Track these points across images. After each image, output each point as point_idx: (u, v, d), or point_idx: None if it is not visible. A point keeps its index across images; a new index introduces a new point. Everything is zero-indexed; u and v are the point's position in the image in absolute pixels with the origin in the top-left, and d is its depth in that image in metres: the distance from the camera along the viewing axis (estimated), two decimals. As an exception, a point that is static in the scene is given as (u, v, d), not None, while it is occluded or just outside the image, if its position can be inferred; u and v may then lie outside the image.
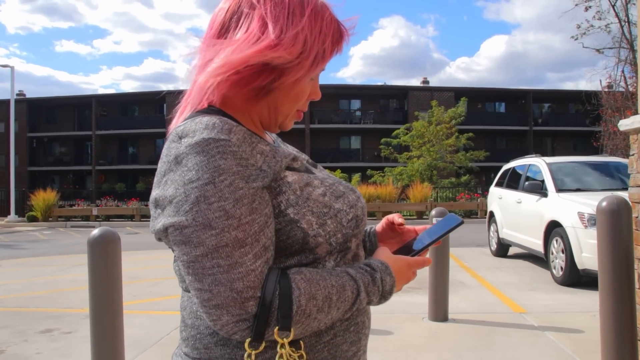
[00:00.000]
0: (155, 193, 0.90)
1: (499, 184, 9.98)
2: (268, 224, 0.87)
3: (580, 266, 6.35)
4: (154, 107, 42.20)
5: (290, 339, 0.84)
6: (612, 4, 21.40)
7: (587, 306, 5.45)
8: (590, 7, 21.31)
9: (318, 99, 1.04)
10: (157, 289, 6.94)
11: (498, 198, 9.69)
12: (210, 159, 0.83)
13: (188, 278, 0.85)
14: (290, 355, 0.86)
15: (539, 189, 7.66)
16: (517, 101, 42.15)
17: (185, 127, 0.89)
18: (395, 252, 1.04)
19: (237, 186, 0.84)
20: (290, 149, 1.10)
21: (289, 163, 0.94)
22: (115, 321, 3.37)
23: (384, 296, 0.95)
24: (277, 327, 0.82)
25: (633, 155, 3.31)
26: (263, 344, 0.85)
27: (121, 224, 21.93)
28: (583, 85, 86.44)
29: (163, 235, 0.90)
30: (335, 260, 0.96)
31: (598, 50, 22.36)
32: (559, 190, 7.36)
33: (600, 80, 24.31)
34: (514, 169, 9.57)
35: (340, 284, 0.89)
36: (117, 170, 41.86)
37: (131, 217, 22.95)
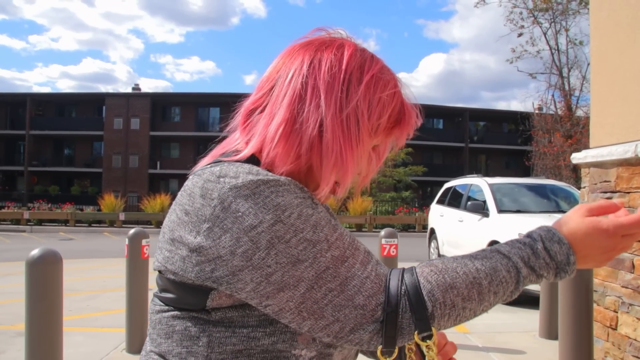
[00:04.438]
0: (195, 240, 0.75)
1: (440, 202, 10.22)
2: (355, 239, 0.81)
3: (518, 286, 6.56)
4: (92, 109, 40.87)
5: (435, 338, 0.76)
6: (544, 32, 22.65)
7: (526, 325, 5.64)
8: (522, 33, 22.55)
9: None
10: (94, 303, 6.64)
11: (439, 216, 9.91)
12: (266, 199, 0.74)
13: (307, 323, 0.74)
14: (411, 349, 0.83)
15: (481, 209, 7.90)
16: (455, 118, 43.52)
17: (222, 168, 0.79)
18: None
19: (308, 214, 0.75)
20: None
21: None
22: (54, 348, 3.16)
23: (561, 269, 0.82)
24: (416, 331, 0.75)
25: (584, 187, 3.46)
26: (396, 351, 0.78)
27: (54, 228, 21.06)
28: (515, 105, 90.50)
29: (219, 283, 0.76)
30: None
31: (531, 75, 23.57)
32: (500, 211, 7.61)
33: (533, 103, 25.63)
34: (455, 188, 9.83)
35: (489, 266, 0.80)
36: (51, 172, 40.12)
37: (65, 222, 22.10)
